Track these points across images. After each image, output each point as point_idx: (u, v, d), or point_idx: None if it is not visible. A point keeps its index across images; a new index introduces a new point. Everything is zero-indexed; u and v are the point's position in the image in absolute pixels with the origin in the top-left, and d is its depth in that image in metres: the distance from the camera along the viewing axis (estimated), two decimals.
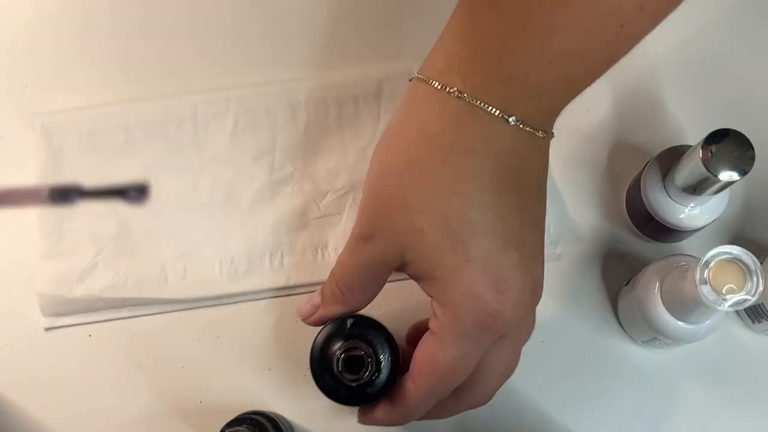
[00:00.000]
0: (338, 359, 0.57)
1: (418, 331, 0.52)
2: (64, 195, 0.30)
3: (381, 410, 0.52)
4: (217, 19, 0.76)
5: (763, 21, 0.74)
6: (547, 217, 0.48)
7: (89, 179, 0.69)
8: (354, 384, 0.58)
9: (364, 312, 0.56)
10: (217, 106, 0.71)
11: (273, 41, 0.75)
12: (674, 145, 0.64)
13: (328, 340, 0.61)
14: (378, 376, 0.60)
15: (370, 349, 0.58)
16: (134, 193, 0.29)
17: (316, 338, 0.61)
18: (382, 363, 0.60)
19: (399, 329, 0.66)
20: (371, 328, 0.62)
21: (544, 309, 0.69)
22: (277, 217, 0.69)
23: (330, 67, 0.73)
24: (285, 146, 0.71)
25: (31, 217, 0.69)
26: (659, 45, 0.72)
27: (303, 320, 0.53)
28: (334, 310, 0.52)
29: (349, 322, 0.61)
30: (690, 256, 0.62)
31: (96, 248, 0.68)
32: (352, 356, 0.58)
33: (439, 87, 0.43)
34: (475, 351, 0.46)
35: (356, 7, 0.74)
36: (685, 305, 0.57)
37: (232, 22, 0.75)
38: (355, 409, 0.65)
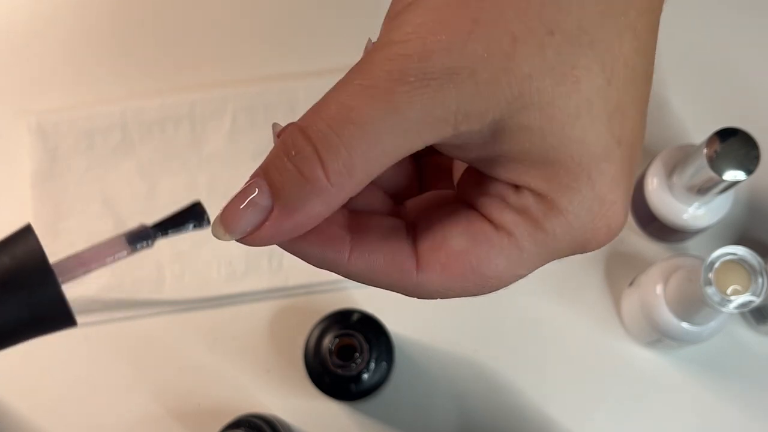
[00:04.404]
0: (333, 342, 0.57)
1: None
2: (143, 236, 0.28)
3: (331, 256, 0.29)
4: (215, 16, 0.75)
5: None
6: None
7: (85, 179, 0.69)
8: (339, 372, 0.58)
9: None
10: (215, 105, 0.70)
11: (272, 37, 0.74)
12: (678, 144, 0.64)
13: (331, 326, 0.61)
14: (366, 375, 0.60)
15: (367, 346, 0.59)
16: (200, 212, 0.28)
17: (319, 322, 0.61)
18: (373, 366, 0.60)
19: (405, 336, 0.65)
20: (377, 330, 0.62)
21: (546, 309, 0.69)
22: None
23: (330, 64, 0.72)
24: None
25: (28, 217, 0.68)
26: (663, 42, 0.71)
27: (238, 238, 0.28)
28: (308, 209, 0.26)
29: (356, 315, 0.61)
30: (694, 256, 0.61)
31: None
32: (348, 346, 0.58)
33: None
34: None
35: (356, 3, 0.74)
36: (689, 306, 0.57)
37: (230, 19, 0.75)
38: (351, 410, 0.65)
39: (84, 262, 0.26)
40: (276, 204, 0.27)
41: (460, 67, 0.24)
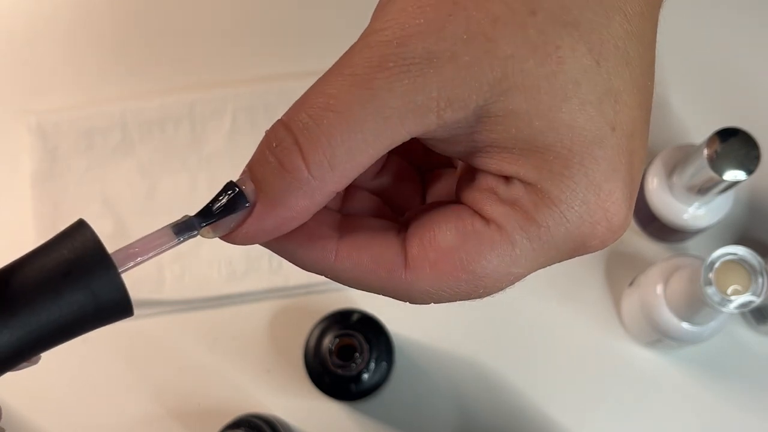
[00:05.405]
0: (333, 342, 0.57)
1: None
2: (188, 227, 0.28)
3: (313, 255, 0.27)
4: (214, 16, 0.75)
5: None
6: None
7: (85, 179, 0.69)
8: (339, 372, 0.58)
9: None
10: (215, 105, 0.70)
11: (272, 37, 0.74)
12: (678, 144, 0.64)
13: (331, 326, 0.61)
14: (366, 375, 0.60)
15: (367, 346, 0.59)
16: (238, 191, 0.27)
17: (319, 322, 0.61)
18: (373, 366, 0.60)
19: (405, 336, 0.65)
20: (377, 330, 0.62)
21: (546, 309, 0.69)
22: None
23: (330, 64, 0.72)
24: None
25: (28, 217, 0.68)
26: (663, 42, 0.71)
27: (221, 234, 0.27)
28: (291, 202, 0.25)
29: (356, 315, 0.61)
30: (694, 256, 0.61)
31: None
32: (348, 346, 0.58)
33: None
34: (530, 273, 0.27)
35: (356, 3, 0.74)
36: (689, 306, 0.57)
37: (230, 19, 0.75)
38: (351, 410, 0.65)
39: (134, 254, 0.26)
40: (259, 198, 0.25)
41: (440, 51, 0.24)
